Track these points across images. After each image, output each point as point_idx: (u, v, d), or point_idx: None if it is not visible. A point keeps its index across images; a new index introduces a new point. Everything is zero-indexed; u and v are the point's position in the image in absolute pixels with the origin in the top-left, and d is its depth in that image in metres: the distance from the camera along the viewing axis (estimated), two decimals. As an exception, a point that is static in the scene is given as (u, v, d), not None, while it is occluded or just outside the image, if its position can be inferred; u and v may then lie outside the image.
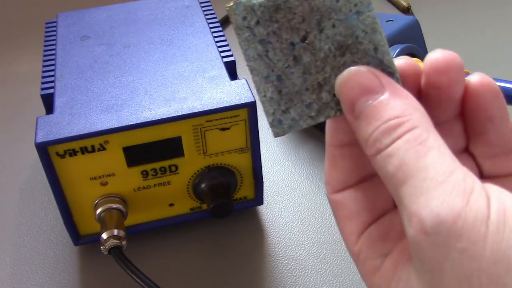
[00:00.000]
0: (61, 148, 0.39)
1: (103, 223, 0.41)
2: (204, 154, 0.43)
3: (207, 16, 0.52)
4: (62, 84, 0.44)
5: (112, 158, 0.41)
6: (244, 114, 0.42)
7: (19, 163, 0.56)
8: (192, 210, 0.46)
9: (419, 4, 0.77)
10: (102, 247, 0.40)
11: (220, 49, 0.47)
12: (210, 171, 0.43)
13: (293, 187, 0.51)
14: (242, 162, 0.44)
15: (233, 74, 0.45)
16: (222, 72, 0.44)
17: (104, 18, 0.53)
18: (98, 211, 0.42)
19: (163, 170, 0.43)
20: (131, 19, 0.53)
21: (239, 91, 0.42)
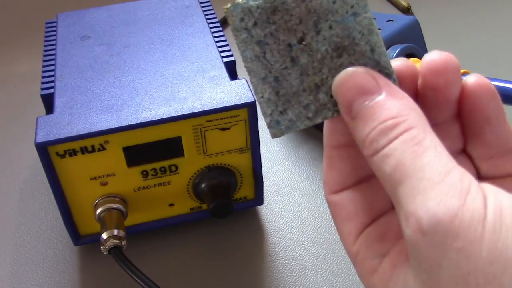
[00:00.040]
0: (61, 148, 0.39)
1: (103, 223, 0.41)
2: (204, 154, 0.43)
3: (207, 16, 0.52)
4: (62, 84, 0.44)
5: (112, 158, 0.41)
6: (244, 114, 0.42)
7: (19, 163, 0.56)
8: (192, 210, 0.46)
9: (419, 4, 0.77)
10: (102, 247, 0.40)
11: (220, 49, 0.47)
12: (210, 171, 0.43)
13: (293, 187, 0.51)
14: (242, 162, 0.44)
15: (233, 74, 0.45)
16: (222, 72, 0.44)
17: (104, 18, 0.53)
18: (98, 211, 0.42)
19: (163, 170, 0.43)
20: (131, 19, 0.53)
21: (239, 91, 0.42)
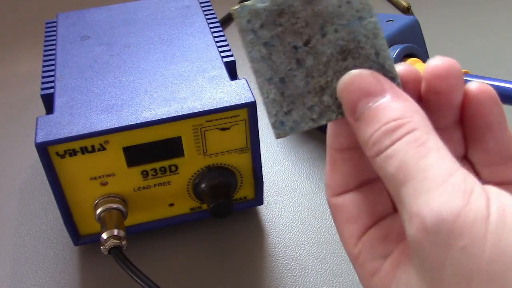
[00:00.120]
0: (61, 148, 0.39)
1: (103, 223, 0.41)
2: (204, 154, 0.43)
3: (207, 16, 0.52)
4: (62, 84, 0.44)
5: (112, 158, 0.41)
6: (244, 114, 0.42)
7: (19, 163, 0.56)
8: (192, 210, 0.46)
9: (419, 4, 0.77)
10: (102, 247, 0.40)
11: (220, 49, 0.47)
12: (210, 171, 0.43)
13: (293, 187, 0.51)
14: (242, 162, 0.44)
15: (233, 74, 0.45)
16: (222, 72, 0.44)
17: (104, 18, 0.53)
18: (98, 211, 0.42)
19: (163, 170, 0.43)
20: (131, 19, 0.53)
21: (239, 91, 0.42)
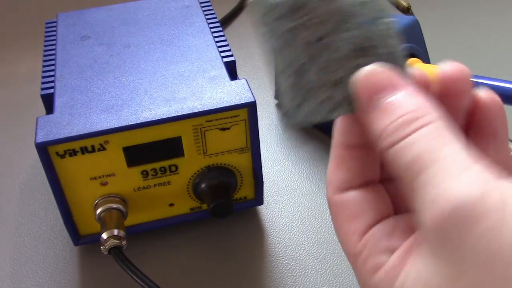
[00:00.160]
0: (61, 148, 0.39)
1: (103, 223, 0.41)
2: (204, 154, 0.43)
3: (207, 16, 0.52)
4: (62, 84, 0.44)
5: (112, 158, 0.41)
6: (244, 114, 0.42)
7: (19, 163, 0.56)
8: (192, 210, 0.46)
9: (419, 4, 0.77)
10: (102, 247, 0.40)
11: (220, 49, 0.47)
12: (210, 171, 0.43)
13: (293, 187, 0.51)
14: (242, 162, 0.44)
15: (233, 74, 0.45)
16: (222, 72, 0.44)
17: (104, 18, 0.53)
18: (98, 211, 0.42)
19: (163, 170, 0.43)
20: (131, 19, 0.53)
21: (239, 91, 0.42)
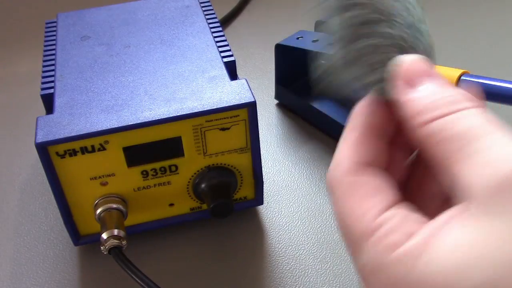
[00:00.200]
0: (61, 148, 0.39)
1: (103, 223, 0.41)
2: (204, 154, 0.43)
3: (207, 16, 0.52)
4: (62, 84, 0.44)
5: (112, 158, 0.41)
6: (244, 114, 0.42)
7: (19, 163, 0.56)
8: (192, 210, 0.46)
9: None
10: (102, 247, 0.40)
11: (220, 49, 0.47)
12: (210, 171, 0.43)
13: (293, 187, 0.51)
14: (242, 162, 0.44)
15: (233, 74, 0.45)
16: (222, 72, 0.44)
17: (104, 18, 0.53)
18: (98, 211, 0.42)
19: (163, 170, 0.43)
20: (131, 19, 0.53)
21: (239, 91, 0.42)
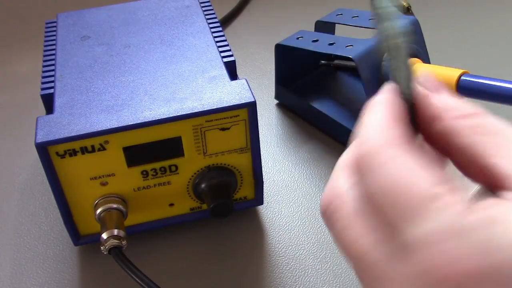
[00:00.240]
0: (61, 148, 0.39)
1: (103, 223, 0.41)
2: (204, 154, 0.43)
3: (207, 16, 0.52)
4: (62, 84, 0.44)
5: (112, 158, 0.41)
6: (244, 114, 0.42)
7: (19, 163, 0.56)
8: (192, 210, 0.46)
9: (419, 4, 0.77)
10: (102, 247, 0.40)
11: (220, 49, 0.47)
12: (210, 171, 0.43)
13: (293, 187, 0.51)
14: (242, 162, 0.44)
15: (233, 74, 0.45)
16: (222, 72, 0.44)
17: (104, 18, 0.53)
18: (98, 211, 0.42)
19: (163, 170, 0.43)
20: (131, 19, 0.53)
21: (239, 91, 0.42)
